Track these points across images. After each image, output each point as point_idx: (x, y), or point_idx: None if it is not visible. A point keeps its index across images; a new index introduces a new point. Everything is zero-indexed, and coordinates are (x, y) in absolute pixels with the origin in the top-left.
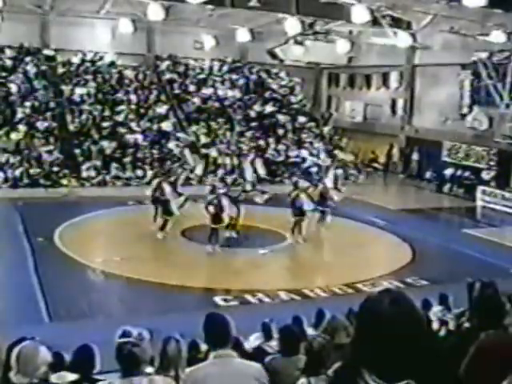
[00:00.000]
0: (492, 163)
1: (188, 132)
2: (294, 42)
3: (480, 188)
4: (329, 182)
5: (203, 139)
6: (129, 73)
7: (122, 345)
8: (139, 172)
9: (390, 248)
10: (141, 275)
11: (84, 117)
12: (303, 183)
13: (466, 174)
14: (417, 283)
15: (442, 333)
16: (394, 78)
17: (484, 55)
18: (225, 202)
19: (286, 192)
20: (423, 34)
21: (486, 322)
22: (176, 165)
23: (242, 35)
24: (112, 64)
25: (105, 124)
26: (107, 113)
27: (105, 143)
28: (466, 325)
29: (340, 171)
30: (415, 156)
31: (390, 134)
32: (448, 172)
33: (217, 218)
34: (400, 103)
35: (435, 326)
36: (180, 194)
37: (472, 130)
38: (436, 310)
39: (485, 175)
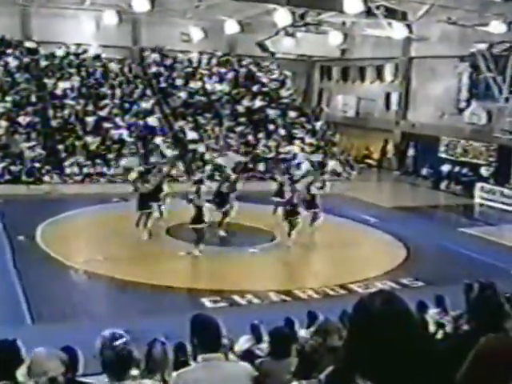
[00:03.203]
0: (491, 159)
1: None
2: (285, 33)
3: (478, 185)
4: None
5: (190, 134)
6: (114, 66)
7: (120, 348)
8: (121, 162)
9: (384, 247)
10: (125, 275)
11: (67, 111)
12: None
13: (464, 170)
14: (412, 284)
15: (439, 336)
16: (388, 70)
17: (483, 47)
18: (204, 202)
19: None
20: (419, 24)
21: (486, 325)
22: (162, 160)
23: (231, 27)
24: (96, 57)
25: (89, 119)
26: (91, 107)
27: (89, 139)
28: (465, 328)
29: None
30: (411, 152)
31: (385, 129)
32: (445, 168)
33: (196, 218)
34: (395, 97)
35: (432, 328)
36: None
37: (470, 125)
38: (432, 312)
39: (483, 171)
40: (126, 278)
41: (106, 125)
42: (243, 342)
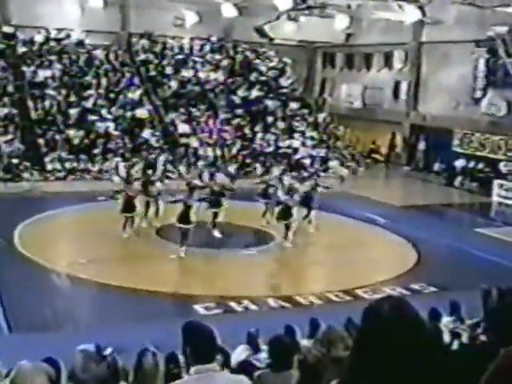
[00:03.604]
0: (511, 154)
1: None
2: (287, 18)
3: (496, 182)
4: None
5: (182, 127)
6: (99, 53)
7: (112, 360)
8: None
9: (393, 250)
10: (111, 280)
11: (48, 102)
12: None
13: (480, 165)
14: (423, 290)
15: (454, 347)
16: (397, 57)
17: (503, 30)
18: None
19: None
20: (432, 6)
21: (506, 336)
22: (152, 156)
23: (227, 10)
24: (80, 43)
25: (71, 111)
26: (74, 98)
27: (71, 132)
28: (482, 338)
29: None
30: (421, 146)
31: (393, 122)
32: (459, 164)
33: (183, 217)
34: (404, 86)
35: (446, 338)
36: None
37: (487, 116)
38: (447, 320)
39: (502, 167)
40: (112, 282)
41: (91, 117)
42: (240, 353)
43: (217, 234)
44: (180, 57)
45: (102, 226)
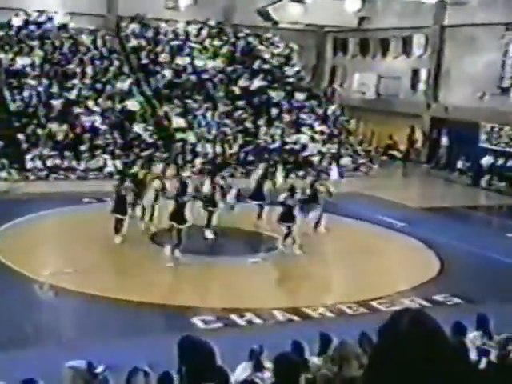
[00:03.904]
0: None
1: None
2: None
3: None
4: (334, 174)
5: (177, 121)
6: (84, 38)
7: (103, 379)
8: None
9: (412, 257)
10: (100, 290)
11: (27, 93)
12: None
13: (510, 163)
14: (447, 301)
15: (482, 365)
16: (417, 42)
17: None
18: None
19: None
20: None
21: None
22: (145, 153)
23: None
24: (63, 27)
25: (54, 102)
26: (57, 88)
27: (54, 126)
28: None
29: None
30: (444, 141)
31: (412, 114)
32: (486, 161)
33: (175, 214)
34: (424, 75)
35: (473, 356)
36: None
37: None
38: (473, 335)
39: None
40: (101, 293)
41: (76, 109)
42: (241, 371)
43: (209, 234)
44: (175, 43)
45: (89, 230)
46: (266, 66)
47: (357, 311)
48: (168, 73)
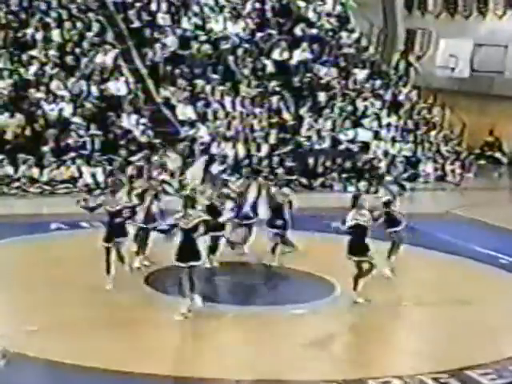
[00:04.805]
0: None
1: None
2: None
3: None
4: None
5: (183, 111)
6: None
7: None
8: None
9: None
10: (78, 357)
11: None
12: None
13: None
14: None
15: None
16: None
17: None
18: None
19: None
20: None
21: None
22: (136, 157)
23: None
24: None
25: (2, 84)
26: (5, 63)
27: (2, 118)
28: None
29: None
30: None
31: None
32: None
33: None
34: None
35: None
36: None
37: None
38: None
39: None
40: (80, 361)
41: (34, 94)
42: None
43: (208, 263)
44: None
45: (59, 270)
46: (312, 32)
47: None
48: (170, 41)
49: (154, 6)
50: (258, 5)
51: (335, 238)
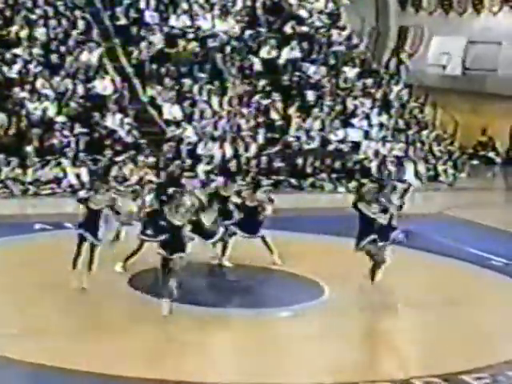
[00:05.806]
0: None
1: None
2: None
3: None
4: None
5: (169, 110)
6: None
7: None
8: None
9: None
10: (60, 360)
11: None
12: None
13: None
14: None
15: None
16: None
17: None
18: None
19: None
20: None
21: None
22: (121, 157)
23: None
24: None
25: None
26: None
27: None
28: None
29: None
30: None
31: None
32: None
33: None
34: None
35: None
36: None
37: None
38: None
39: None
40: (62, 363)
41: (18, 94)
42: None
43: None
44: None
45: (42, 272)
46: (303, 29)
47: None
48: (157, 39)
49: (142, 4)
50: (248, 2)
51: (325, 239)
